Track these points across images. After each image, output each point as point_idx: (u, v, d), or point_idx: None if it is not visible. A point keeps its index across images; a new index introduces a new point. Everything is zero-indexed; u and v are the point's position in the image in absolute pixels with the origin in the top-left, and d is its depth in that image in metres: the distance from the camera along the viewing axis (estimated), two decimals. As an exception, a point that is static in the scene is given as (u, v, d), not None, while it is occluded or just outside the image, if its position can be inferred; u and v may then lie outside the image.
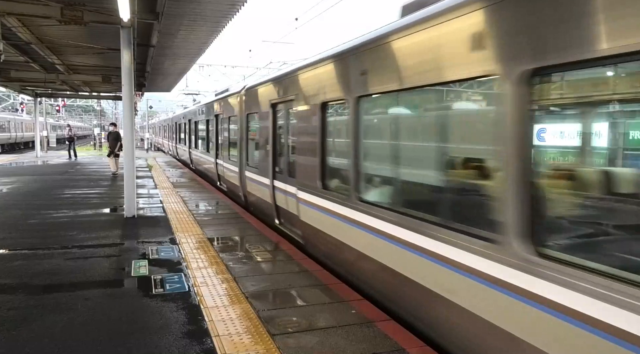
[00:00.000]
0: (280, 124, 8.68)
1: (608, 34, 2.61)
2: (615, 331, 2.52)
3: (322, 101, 6.41)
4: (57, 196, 12.75)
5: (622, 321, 2.50)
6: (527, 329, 3.10)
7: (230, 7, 10.54)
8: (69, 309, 4.77)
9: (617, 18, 2.56)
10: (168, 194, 13.07)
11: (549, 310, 2.92)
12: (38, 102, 31.38)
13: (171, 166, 23.31)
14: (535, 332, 3.03)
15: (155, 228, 8.68)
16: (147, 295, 5.20)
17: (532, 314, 3.05)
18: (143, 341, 4.08)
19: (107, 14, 9.51)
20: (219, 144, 14.63)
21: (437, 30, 4.02)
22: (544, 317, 2.95)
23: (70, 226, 8.84)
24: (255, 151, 10.49)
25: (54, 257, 6.70)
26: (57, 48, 14.55)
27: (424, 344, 4.04)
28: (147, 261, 6.51)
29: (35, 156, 29.60)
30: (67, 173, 19.12)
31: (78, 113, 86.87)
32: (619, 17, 2.54)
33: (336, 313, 4.69)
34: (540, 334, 3.01)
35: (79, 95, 31.66)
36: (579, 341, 2.74)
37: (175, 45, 14.63)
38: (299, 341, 4.08)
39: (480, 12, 3.50)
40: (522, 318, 3.14)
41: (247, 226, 8.92)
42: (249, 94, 10.83)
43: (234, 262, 6.45)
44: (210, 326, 4.38)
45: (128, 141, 10.32)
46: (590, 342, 2.66)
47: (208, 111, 16.60)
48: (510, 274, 3.22)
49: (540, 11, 3.01)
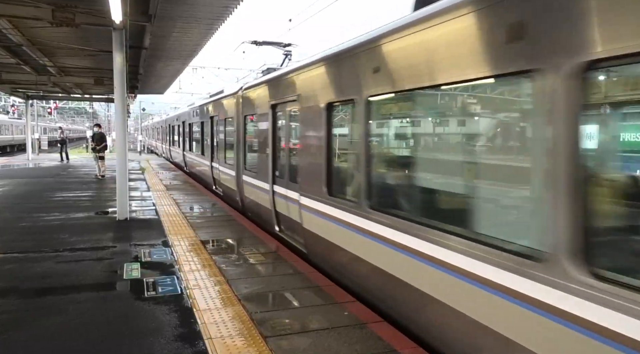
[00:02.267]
0: (280, 126, 8.34)
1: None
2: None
3: (328, 102, 6.02)
4: (48, 198, 12.66)
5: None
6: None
7: (223, 9, 10.54)
8: (61, 313, 4.74)
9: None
10: (161, 197, 13.02)
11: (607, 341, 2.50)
12: (29, 105, 31.16)
13: (164, 169, 23.22)
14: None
15: (148, 231, 8.65)
16: (140, 298, 5.18)
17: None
18: (135, 344, 4.06)
19: (99, 15, 9.48)
20: (213, 146, 14.32)
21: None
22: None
23: (62, 228, 8.78)
24: (252, 154, 10.17)
25: (46, 260, 6.65)
26: (48, 50, 14.47)
27: (416, 346, 4.05)
28: (139, 263, 6.48)
29: (27, 158, 29.38)
30: (58, 176, 19.00)
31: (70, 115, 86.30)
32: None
33: (329, 315, 4.70)
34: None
35: (71, 97, 31.47)
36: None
37: (168, 47, 14.60)
38: (291, 343, 4.08)
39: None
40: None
41: (241, 229, 8.91)
42: (246, 95, 10.48)
43: (227, 265, 6.44)
44: (202, 328, 4.37)
45: (120, 143, 10.27)
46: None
47: (203, 113, 16.29)
48: (557, 296, 2.76)
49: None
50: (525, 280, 2.98)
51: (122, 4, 8.02)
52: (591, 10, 2.60)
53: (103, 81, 19.81)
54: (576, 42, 2.67)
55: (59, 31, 11.52)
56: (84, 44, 13.32)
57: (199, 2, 10.02)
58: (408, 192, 4.85)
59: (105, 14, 8.94)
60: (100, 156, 17.90)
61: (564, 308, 2.71)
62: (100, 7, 9.03)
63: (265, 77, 9.57)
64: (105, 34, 10.34)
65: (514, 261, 3.08)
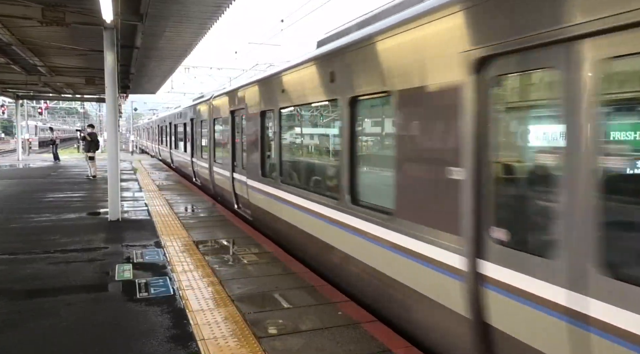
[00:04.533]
0: (237, 128, 10.56)
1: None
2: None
3: (261, 110, 8.51)
4: (39, 199, 12.54)
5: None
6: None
7: (215, 8, 10.48)
8: (52, 315, 4.69)
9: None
10: (153, 197, 12.94)
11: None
12: (19, 105, 30.85)
13: (157, 169, 23.10)
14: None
15: (140, 231, 8.59)
16: (132, 299, 5.14)
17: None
18: (127, 346, 4.03)
19: (90, 15, 9.40)
20: (193, 144, 16.55)
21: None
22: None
23: (52, 230, 8.70)
24: (219, 150, 12.53)
25: (36, 262, 6.59)
26: (38, 49, 14.32)
27: (409, 345, 4.05)
28: (131, 264, 6.43)
29: (17, 159, 29.10)
30: (49, 176, 18.83)
31: (61, 115, 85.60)
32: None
33: (322, 315, 4.69)
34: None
35: (62, 97, 31.19)
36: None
37: (160, 46, 14.51)
38: (285, 344, 4.07)
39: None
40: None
41: (234, 229, 8.88)
42: (215, 102, 12.70)
43: (220, 265, 6.41)
44: (195, 329, 4.35)
45: (112, 143, 10.20)
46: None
47: (184, 116, 18.42)
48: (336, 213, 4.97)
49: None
50: (327, 209, 5.72)
51: (113, 3, 7.95)
52: (348, 74, 5.24)
53: (94, 81, 19.65)
54: (349, 87, 5.20)
55: (49, 30, 11.40)
56: (75, 44, 13.20)
57: (191, 1, 9.96)
58: (297, 170, 7.64)
59: (96, 13, 8.87)
60: (90, 156, 17.78)
61: (342, 220, 5.30)
62: (91, 6, 8.96)
63: (226, 90, 12.27)
64: (96, 33, 10.26)
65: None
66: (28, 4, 9.15)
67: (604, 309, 2.44)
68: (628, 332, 2.31)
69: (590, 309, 2.51)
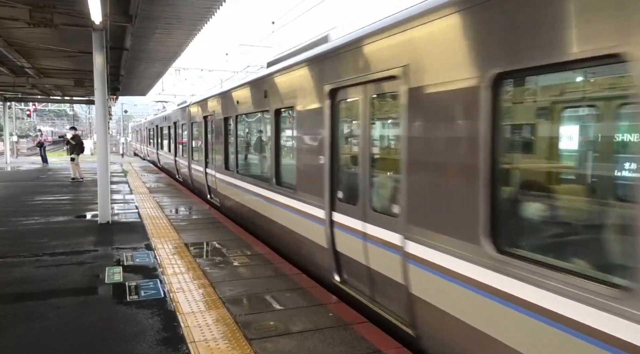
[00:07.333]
0: (209, 130, 12.66)
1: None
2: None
3: (224, 117, 10.73)
4: (28, 202, 12.42)
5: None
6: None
7: (206, 9, 10.45)
8: (41, 318, 4.65)
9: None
10: (144, 200, 12.87)
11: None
12: (7, 107, 30.52)
13: (147, 171, 22.97)
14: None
15: (131, 234, 8.54)
16: (122, 302, 5.11)
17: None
18: (117, 349, 4.01)
19: (79, 16, 9.33)
20: (176, 145, 18.46)
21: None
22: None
23: (41, 233, 8.62)
24: (196, 149, 14.59)
25: (25, 265, 6.52)
26: (26, 51, 14.17)
27: (400, 346, 4.07)
28: (121, 267, 6.40)
29: (5, 162, 28.76)
30: (38, 179, 18.66)
31: (50, 118, 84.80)
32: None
33: (313, 316, 4.70)
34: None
35: (51, 99, 30.84)
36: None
37: (150, 48, 14.42)
38: (276, 346, 4.07)
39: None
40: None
41: (225, 231, 8.86)
42: (192, 108, 14.76)
43: (210, 268, 6.39)
44: (186, 332, 4.33)
45: (102, 145, 10.13)
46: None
47: (168, 119, 20.39)
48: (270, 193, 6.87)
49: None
50: (263, 190, 7.83)
51: (102, 4, 7.90)
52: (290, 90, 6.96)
53: (83, 83, 19.49)
54: (274, 102, 7.34)
55: (37, 32, 11.29)
56: (64, 45, 13.08)
57: (181, 3, 9.91)
58: (246, 163, 9.84)
59: (84, 15, 8.80)
60: (71, 157, 17.65)
61: (286, 202, 6.90)
62: (80, 8, 8.89)
63: (198, 98, 14.71)
64: (85, 34, 10.18)
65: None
66: (15, 4, 9.06)
67: (371, 228, 4.70)
68: (376, 237, 4.61)
69: (367, 229, 4.77)
